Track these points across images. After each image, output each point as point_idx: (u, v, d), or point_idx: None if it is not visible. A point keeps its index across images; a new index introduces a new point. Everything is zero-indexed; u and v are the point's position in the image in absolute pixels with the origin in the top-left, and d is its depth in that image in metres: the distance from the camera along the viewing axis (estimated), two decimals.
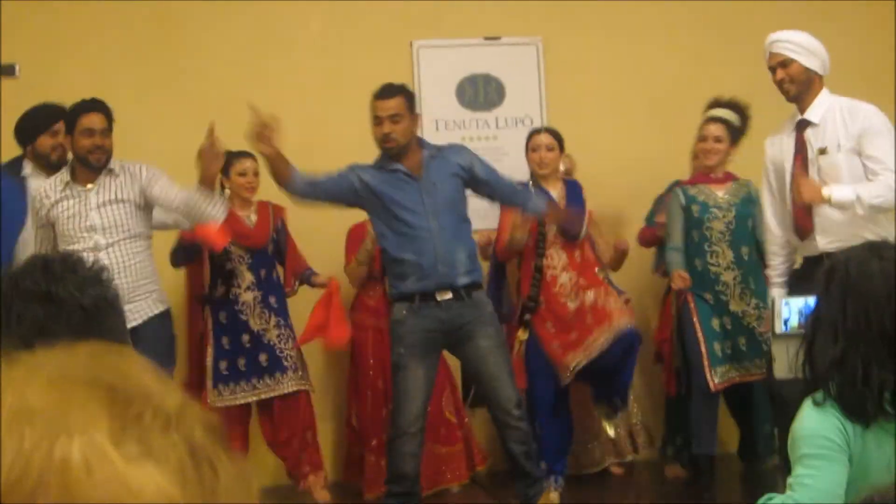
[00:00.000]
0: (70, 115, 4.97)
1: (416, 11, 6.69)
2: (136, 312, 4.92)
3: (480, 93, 6.71)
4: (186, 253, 5.78)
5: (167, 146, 5.34)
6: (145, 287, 5.02)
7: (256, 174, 5.82)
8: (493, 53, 6.70)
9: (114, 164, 5.03)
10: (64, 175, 5.01)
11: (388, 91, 5.11)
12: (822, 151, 4.79)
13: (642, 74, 6.79)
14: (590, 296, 5.75)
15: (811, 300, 4.06)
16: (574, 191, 5.88)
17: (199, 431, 0.85)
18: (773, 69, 4.91)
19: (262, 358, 5.77)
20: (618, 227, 6.01)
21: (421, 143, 5.21)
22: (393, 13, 6.65)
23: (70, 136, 4.97)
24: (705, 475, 5.71)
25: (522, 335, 5.75)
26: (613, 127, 6.65)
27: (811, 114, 4.85)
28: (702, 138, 5.72)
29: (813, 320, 2.63)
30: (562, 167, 5.91)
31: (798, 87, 4.86)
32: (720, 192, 5.70)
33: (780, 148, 5.00)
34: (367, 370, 6.03)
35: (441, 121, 6.68)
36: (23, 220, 5.02)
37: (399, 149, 5.07)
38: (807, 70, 4.84)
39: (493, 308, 5.44)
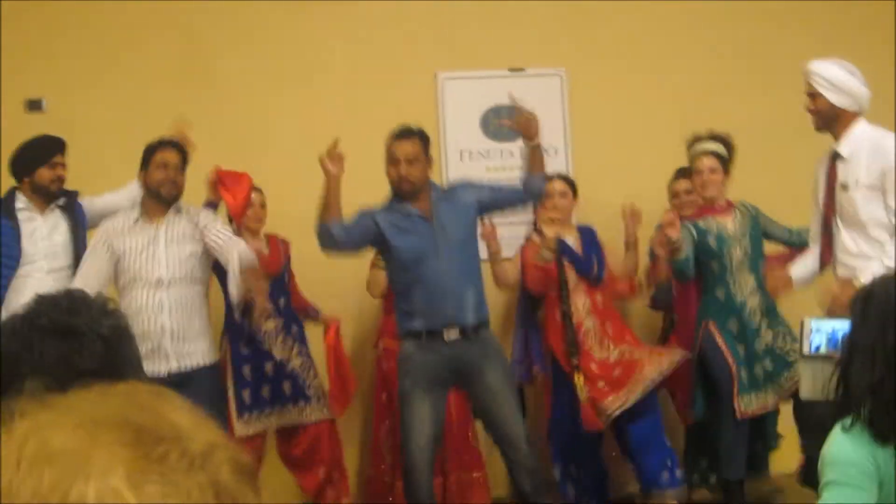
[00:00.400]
0: (146, 152, 5.13)
1: (441, 43, 6.72)
2: (189, 356, 5.01)
3: None
4: None
5: (191, 177, 5.36)
6: (198, 331, 5.09)
7: (263, 206, 5.90)
8: (517, 84, 6.67)
9: (181, 204, 5.17)
10: (135, 212, 5.12)
11: (406, 133, 5.16)
12: (844, 188, 4.79)
13: (665, 105, 6.79)
14: (614, 353, 5.78)
15: (839, 324, 4.05)
16: (588, 237, 5.94)
17: (226, 472, 0.85)
18: (806, 94, 4.93)
19: (286, 386, 5.79)
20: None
21: (430, 184, 5.23)
22: (417, 44, 6.68)
23: (144, 171, 5.11)
24: (737, 498, 5.66)
25: (579, 380, 5.71)
26: (636, 157, 6.64)
27: (842, 147, 4.83)
28: (697, 172, 5.75)
29: (849, 344, 2.62)
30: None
31: (822, 121, 4.87)
32: (729, 223, 5.73)
33: (819, 175, 4.99)
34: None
35: (465, 151, 6.69)
36: (14, 266, 5.09)
37: (414, 191, 5.10)
38: (833, 106, 4.82)
39: (521, 360, 5.61)
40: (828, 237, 4.87)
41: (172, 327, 4.96)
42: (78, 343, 1.71)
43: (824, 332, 4.08)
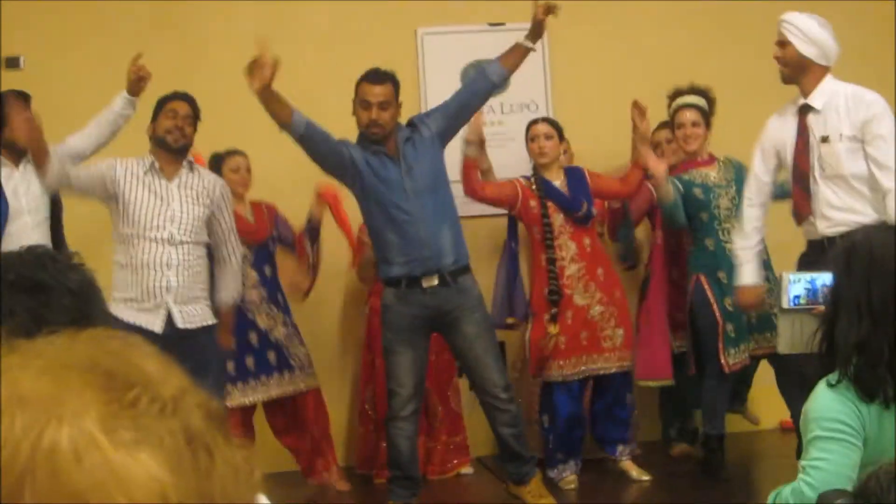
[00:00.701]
0: (157, 104, 5.09)
1: None
2: (192, 316, 4.96)
3: None
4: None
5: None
6: (199, 292, 5.05)
7: (248, 171, 5.88)
8: (497, 39, 6.61)
9: (193, 161, 5.14)
10: (146, 159, 5.04)
11: (378, 77, 5.15)
12: (825, 140, 4.77)
13: (646, 62, 6.78)
14: (596, 308, 5.76)
15: (820, 277, 4.06)
16: (576, 177, 5.87)
17: (197, 417, 0.85)
18: (776, 43, 4.95)
19: (271, 356, 5.77)
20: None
21: (397, 126, 5.22)
22: (397, 1, 6.63)
23: (153, 122, 5.07)
24: (718, 455, 5.70)
25: (553, 329, 5.71)
26: (617, 113, 6.59)
27: (814, 100, 4.83)
28: (679, 126, 5.77)
29: (833, 300, 2.60)
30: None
31: (790, 70, 4.88)
32: (713, 173, 5.74)
33: (780, 129, 4.98)
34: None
35: None
36: (2, 223, 5.04)
37: (384, 135, 5.10)
38: (801, 56, 4.83)
39: (504, 303, 5.62)
40: (803, 191, 4.85)
41: (177, 286, 4.90)
42: (46, 297, 1.71)
43: (803, 284, 4.09)
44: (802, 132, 4.86)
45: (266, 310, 5.80)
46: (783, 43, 4.88)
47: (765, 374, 5.84)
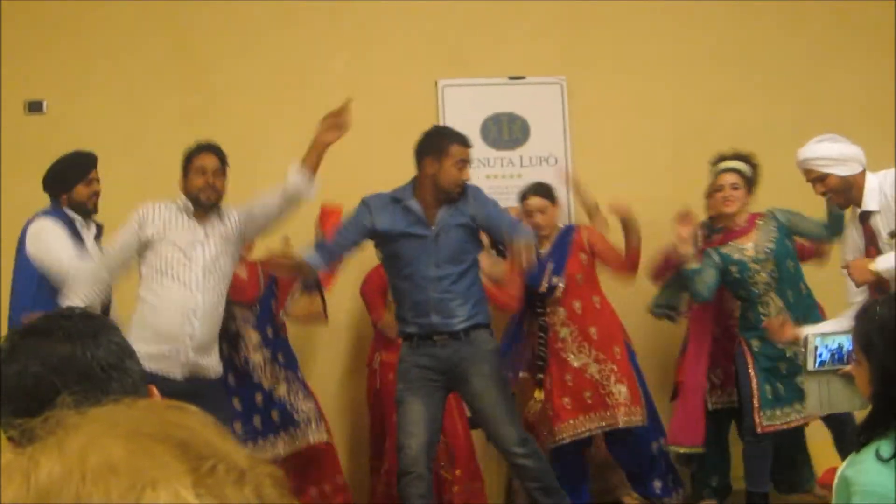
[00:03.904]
0: (185, 157, 5.09)
1: (442, 51, 6.73)
2: (204, 369, 4.94)
3: (505, 131, 6.72)
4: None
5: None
6: (214, 341, 5.05)
7: None
8: (517, 92, 6.73)
9: (223, 209, 5.13)
10: (179, 202, 5.04)
11: (469, 141, 5.20)
12: (893, 235, 4.76)
13: (666, 113, 6.82)
14: (593, 367, 5.78)
15: (843, 339, 4.05)
16: (563, 241, 5.91)
17: (268, 485, 0.87)
18: (812, 182, 4.94)
19: (274, 415, 5.76)
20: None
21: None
22: (418, 52, 6.69)
23: (184, 178, 5.06)
24: None
25: (539, 395, 5.80)
26: (637, 165, 6.67)
27: (870, 203, 4.83)
28: (718, 188, 5.71)
29: (880, 366, 2.58)
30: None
31: (842, 195, 4.88)
32: (749, 245, 5.64)
33: (851, 239, 4.99)
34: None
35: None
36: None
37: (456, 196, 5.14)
38: (844, 179, 4.84)
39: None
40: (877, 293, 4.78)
41: (200, 335, 4.87)
42: (93, 341, 1.75)
43: (828, 346, 4.09)
44: (871, 239, 4.85)
45: (270, 370, 5.78)
46: (821, 178, 4.88)
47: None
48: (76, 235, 5.13)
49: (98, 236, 5.27)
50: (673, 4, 6.94)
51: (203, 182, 5.01)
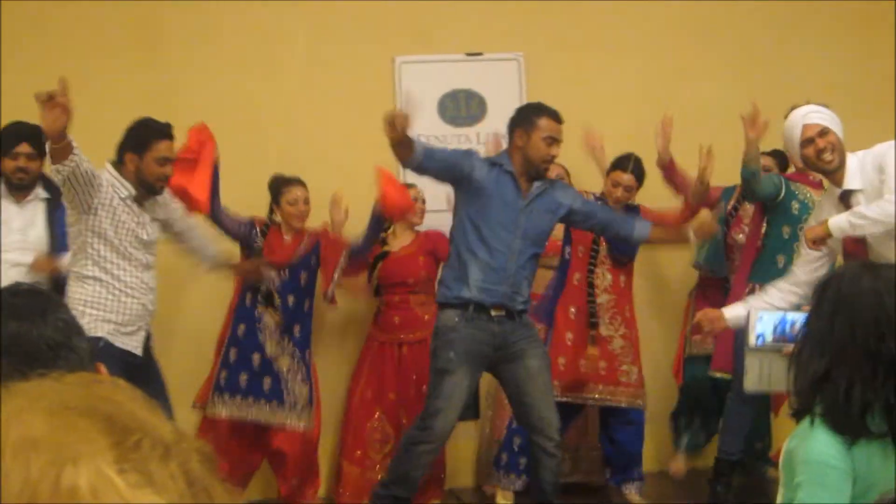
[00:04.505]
0: (144, 134, 4.81)
1: (398, 27, 6.70)
2: (143, 338, 4.90)
3: (462, 108, 6.70)
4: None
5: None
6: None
7: (307, 202, 5.84)
8: (474, 69, 6.72)
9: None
10: (124, 185, 4.78)
11: (561, 116, 5.12)
12: None
13: (626, 89, 6.82)
14: (618, 342, 5.85)
15: (789, 315, 4.08)
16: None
17: (195, 461, 0.87)
18: (810, 140, 4.77)
19: (266, 382, 5.73)
20: None
21: None
22: (375, 29, 6.66)
23: (137, 154, 4.77)
24: (724, 481, 5.68)
25: (592, 350, 5.82)
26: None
27: (852, 182, 4.73)
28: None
29: (802, 334, 2.61)
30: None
31: (839, 156, 4.74)
32: (817, 197, 5.48)
33: (825, 216, 4.81)
34: (358, 381, 6.04)
35: (423, 136, 6.56)
36: None
37: (544, 174, 5.11)
38: (840, 139, 4.76)
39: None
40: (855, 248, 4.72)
41: (152, 309, 4.89)
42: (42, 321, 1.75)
43: (771, 323, 4.09)
44: None
45: (277, 338, 5.76)
46: (824, 131, 4.75)
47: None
48: None
49: (53, 206, 5.20)
50: None
51: (163, 172, 4.79)
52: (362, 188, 5.85)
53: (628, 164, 5.88)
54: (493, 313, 4.99)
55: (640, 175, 5.90)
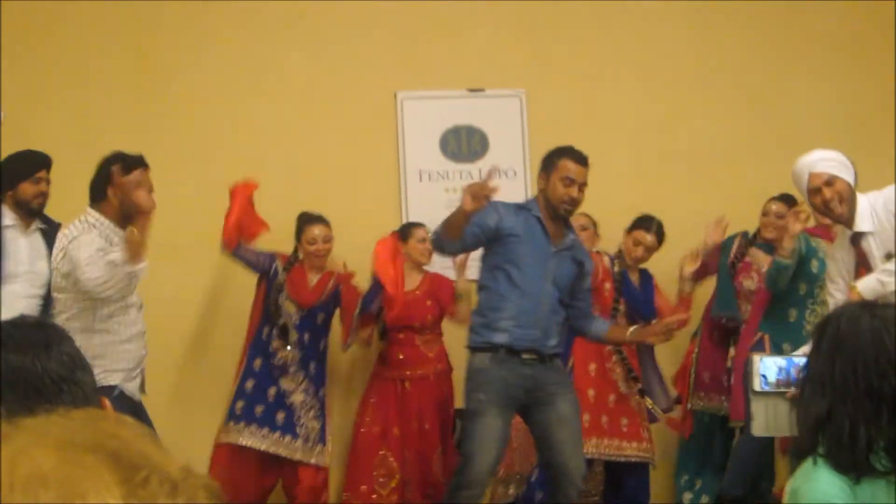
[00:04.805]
0: (124, 168, 4.59)
1: (401, 62, 6.73)
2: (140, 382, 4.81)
3: (464, 144, 6.71)
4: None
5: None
6: None
7: (327, 241, 5.85)
8: (476, 105, 6.74)
9: None
10: (112, 231, 4.56)
11: (583, 159, 5.05)
12: (890, 256, 4.54)
13: (625, 125, 6.84)
14: (635, 399, 5.92)
15: (795, 359, 4.07)
16: (647, 283, 6.06)
17: (202, 496, 0.86)
18: (817, 190, 4.61)
19: (279, 416, 5.75)
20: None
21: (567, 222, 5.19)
22: (377, 64, 6.69)
23: (113, 187, 4.55)
24: None
25: (650, 403, 5.97)
26: (597, 178, 6.65)
27: (862, 224, 4.61)
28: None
29: (804, 375, 2.61)
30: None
31: (847, 205, 4.57)
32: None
33: (842, 258, 4.79)
34: (363, 418, 6.02)
35: (424, 172, 6.68)
36: None
37: (568, 215, 5.09)
38: (850, 186, 4.59)
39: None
40: None
41: (145, 353, 4.78)
42: (46, 354, 1.73)
43: (773, 367, 4.08)
44: (863, 259, 4.65)
45: (293, 372, 5.78)
46: (831, 181, 4.57)
47: None
48: None
49: (49, 235, 5.16)
50: (632, 17, 6.96)
51: (152, 204, 4.55)
52: (363, 221, 5.86)
53: (652, 225, 5.93)
54: (524, 356, 4.93)
55: (661, 237, 5.96)
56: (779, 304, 5.58)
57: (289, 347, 5.77)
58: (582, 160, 5.02)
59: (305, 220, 5.86)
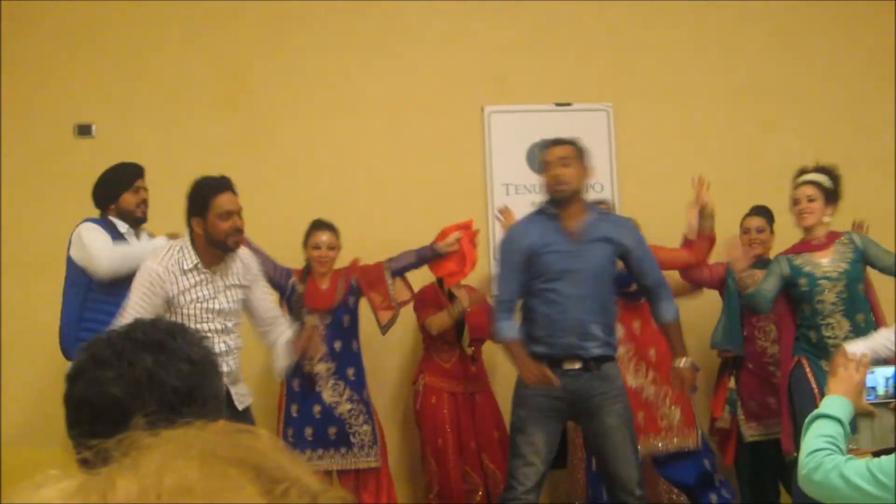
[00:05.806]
0: (201, 194, 4.58)
1: (488, 76, 6.74)
2: (242, 396, 4.81)
3: None
4: None
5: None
6: (240, 373, 4.91)
7: (332, 248, 5.79)
8: (563, 119, 6.71)
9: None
10: (189, 257, 4.60)
11: (556, 141, 5.06)
12: None
13: (711, 140, 6.79)
14: (650, 390, 5.79)
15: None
16: None
17: None
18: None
19: (331, 431, 5.72)
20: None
21: (588, 205, 5.07)
22: (465, 78, 6.71)
23: (201, 217, 4.55)
24: None
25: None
26: (683, 193, 6.61)
27: None
28: (795, 201, 5.50)
29: None
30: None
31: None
32: (825, 261, 5.45)
33: None
34: (444, 433, 5.96)
35: (511, 185, 6.68)
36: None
37: (569, 193, 4.92)
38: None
39: None
40: None
41: (232, 371, 4.73)
42: (166, 358, 1.72)
43: (882, 379, 4.00)
44: None
45: (332, 384, 5.74)
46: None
47: None
48: (120, 239, 5.11)
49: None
50: (719, 32, 6.93)
51: (230, 226, 4.55)
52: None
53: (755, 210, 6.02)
54: (566, 367, 4.89)
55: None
56: (799, 329, 5.53)
57: (318, 389, 5.72)
58: (552, 143, 5.05)
59: (312, 225, 5.79)
